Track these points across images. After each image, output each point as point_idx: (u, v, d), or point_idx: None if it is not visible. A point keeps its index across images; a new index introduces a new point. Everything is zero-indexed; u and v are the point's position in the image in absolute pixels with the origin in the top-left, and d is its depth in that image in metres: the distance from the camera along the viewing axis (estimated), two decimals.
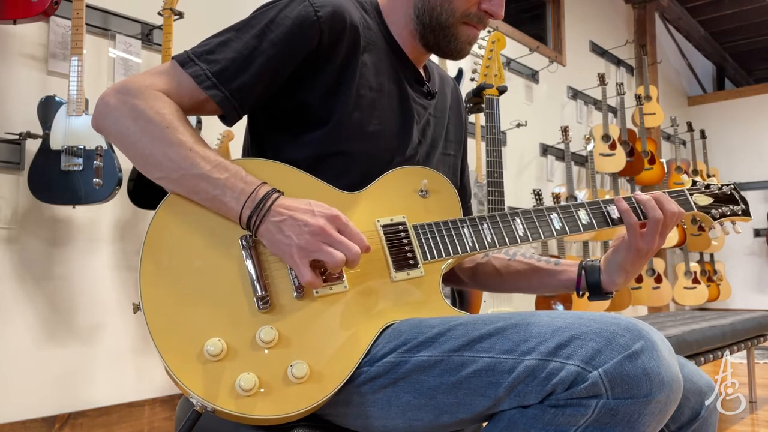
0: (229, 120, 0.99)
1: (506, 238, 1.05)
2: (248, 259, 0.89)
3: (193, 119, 2.26)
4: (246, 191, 0.88)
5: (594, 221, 1.11)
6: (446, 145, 1.23)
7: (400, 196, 1.04)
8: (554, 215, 1.09)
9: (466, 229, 1.03)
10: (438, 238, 1.01)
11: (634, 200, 1.11)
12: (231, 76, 0.95)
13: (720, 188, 1.22)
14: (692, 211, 1.17)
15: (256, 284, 0.88)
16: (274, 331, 0.86)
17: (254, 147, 1.10)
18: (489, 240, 1.04)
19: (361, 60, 1.04)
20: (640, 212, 1.10)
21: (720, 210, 1.20)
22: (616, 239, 1.15)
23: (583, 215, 1.10)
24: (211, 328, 0.85)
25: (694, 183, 1.22)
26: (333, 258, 0.85)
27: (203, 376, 0.82)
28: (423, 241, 1.00)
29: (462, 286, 1.28)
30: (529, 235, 1.06)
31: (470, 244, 1.02)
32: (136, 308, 0.86)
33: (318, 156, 1.01)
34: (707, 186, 1.22)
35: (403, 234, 1.00)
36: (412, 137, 1.12)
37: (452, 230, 1.02)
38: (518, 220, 1.06)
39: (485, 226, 1.04)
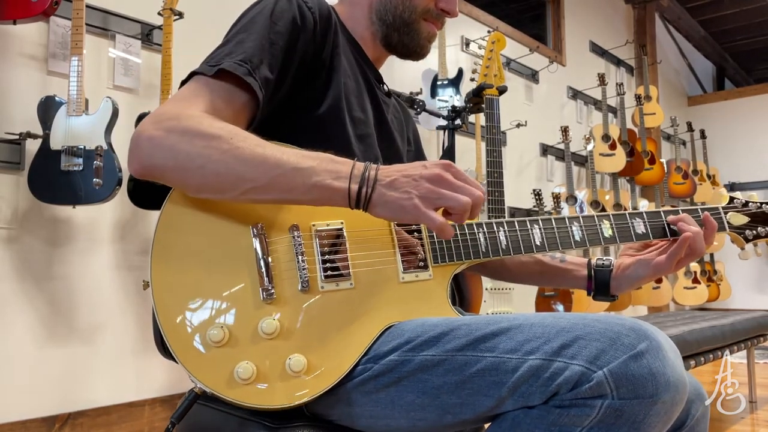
0: (256, 117, 0.96)
1: (522, 247, 1.03)
2: (258, 249, 0.89)
3: None
4: (343, 170, 0.85)
5: (617, 235, 1.08)
6: (409, 142, 1.29)
7: None
8: (575, 226, 1.06)
9: (481, 235, 1.01)
10: (451, 241, 1.00)
11: (666, 223, 1.10)
12: (256, 67, 0.93)
13: (759, 206, 1.15)
14: (724, 231, 1.13)
15: (263, 275, 0.88)
16: (276, 322, 0.86)
17: None
18: (504, 247, 1.02)
19: (342, 52, 1.08)
20: (668, 232, 1.09)
21: (755, 231, 1.14)
22: (631, 250, 1.14)
23: (606, 228, 1.08)
24: (216, 315, 0.86)
25: (731, 200, 1.16)
26: (459, 201, 0.83)
27: (204, 360, 0.84)
28: (436, 243, 0.99)
29: (470, 271, 1.29)
30: (546, 245, 1.04)
31: (483, 251, 1.01)
32: (146, 285, 0.87)
33: (315, 143, 0.99)
34: (745, 204, 1.15)
35: (415, 234, 0.99)
36: (387, 128, 1.17)
37: (467, 235, 1.01)
38: (537, 228, 1.05)
39: (501, 232, 1.03)
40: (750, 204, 1.16)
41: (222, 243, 0.89)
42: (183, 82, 0.95)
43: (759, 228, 1.14)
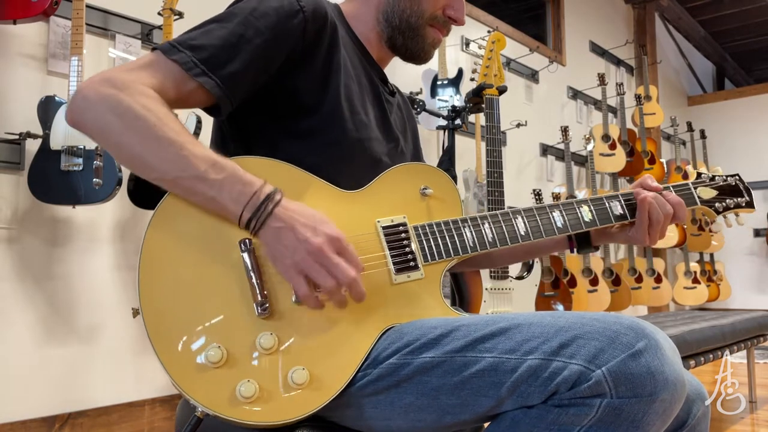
0: (222, 110, 0.96)
1: (508, 238, 1.05)
2: (247, 264, 0.87)
3: (193, 120, 2.25)
4: (246, 192, 0.85)
5: (597, 218, 1.12)
6: (410, 140, 1.29)
7: (401, 194, 1.03)
8: (556, 213, 1.10)
9: (467, 229, 1.03)
10: (439, 238, 1.00)
11: (634, 198, 1.14)
12: (220, 63, 0.93)
13: (725, 179, 1.22)
14: (696, 205, 1.18)
15: (256, 290, 0.86)
16: (274, 337, 0.85)
17: (237, 143, 1.05)
18: (490, 240, 1.04)
19: (342, 53, 1.07)
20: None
21: (724, 203, 1.20)
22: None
23: (585, 212, 1.11)
24: (211, 335, 0.84)
25: (698, 175, 1.22)
26: (326, 281, 0.84)
27: (204, 382, 0.82)
28: (424, 242, 1.00)
29: (454, 269, 1.29)
30: (531, 233, 1.07)
31: (471, 245, 1.02)
32: (136, 312, 0.86)
33: (316, 147, 1.00)
34: (712, 178, 1.22)
35: (403, 235, 0.99)
36: (391, 130, 1.16)
37: (453, 230, 1.02)
38: (520, 218, 1.07)
39: (486, 225, 1.04)
40: (716, 177, 1.22)
41: (210, 260, 0.88)
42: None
43: (727, 200, 1.21)
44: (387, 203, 1.01)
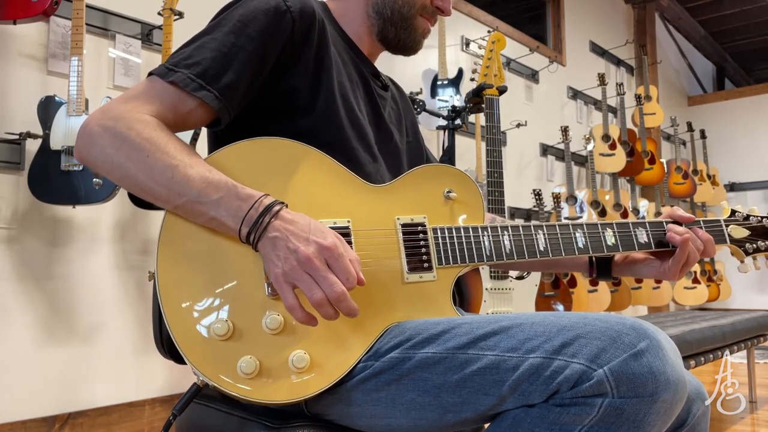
0: (221, 122, 0.96)
1: (526, 252, 1.04)
2: None
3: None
4: (243, 208, 0.85)
5: (620, 243, 1.10)
6: (407, 132, 1.29)
7: (425, 195, 1.03)
8: (579, 233, 1.08)
9: (486, 238, 1.02)
10: (456, 243, 1.00)
11: (667, 230, 1.12)
12: (216, 75, 0.93)
13: (760, 220, 1.18)
14: (725, 243, 1.15)
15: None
16: (281, 318, 0.86)
17: None
18: (508, 251, 1.03)
19: (332, 50, 1.07)
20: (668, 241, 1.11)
21: (755, 244, 1.16)
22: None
23: (609, 236, 1.09)
24: (220, 308, 0.86)
25: (732, 213, 1.18)
26: (312, 292, 0.81)
27: (207, 352, 0.84)
28: (440, 245, 0.99)
29: None
30: (550, 251, 1.05)
31: (488, 254, 1.01)
32: (151, 276, 0.88)
33: (317, 146, 1.00)
34: (746, 217, 1.18)
35: (421, 235, 0.99)
36: (384, 125, 1.16)
37: (471, 237, 1.01)
38: (541, 234, 1.06)
39: (506, 236, 1.03)
40: (751, 218, 1.17)
41: (228, 239, 0.89)
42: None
43: (759, 242, 1.16)
44: (409, 201, 1.02)
